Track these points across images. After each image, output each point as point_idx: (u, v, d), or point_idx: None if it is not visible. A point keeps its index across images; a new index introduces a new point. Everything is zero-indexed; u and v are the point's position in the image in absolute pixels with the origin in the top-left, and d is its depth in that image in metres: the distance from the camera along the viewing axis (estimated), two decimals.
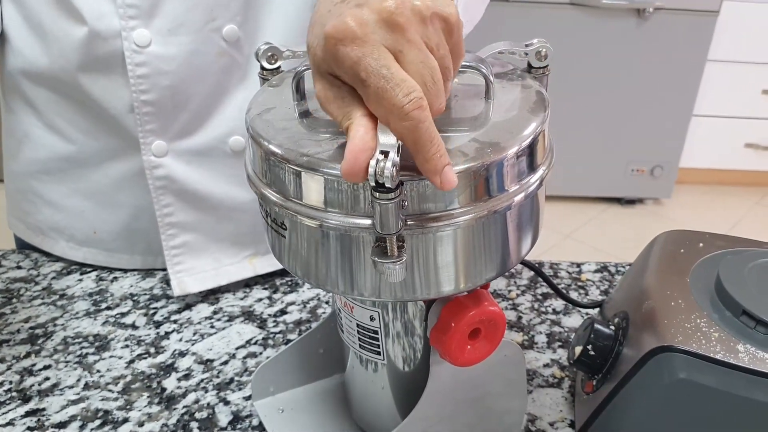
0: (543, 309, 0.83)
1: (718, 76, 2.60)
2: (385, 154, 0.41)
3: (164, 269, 0.87)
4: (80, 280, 0.85)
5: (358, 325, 0.57)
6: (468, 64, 0.49)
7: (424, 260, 0.48)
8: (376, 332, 0.56)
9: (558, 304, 0.84)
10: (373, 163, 0.41)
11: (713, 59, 2.54)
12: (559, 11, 2.41)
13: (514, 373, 0.61)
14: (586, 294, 0.86)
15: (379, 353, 0.57)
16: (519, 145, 0.46)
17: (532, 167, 0.49)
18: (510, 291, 0.86)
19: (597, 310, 0.79)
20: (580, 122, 2.59)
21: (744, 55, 2.59)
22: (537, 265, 0.90)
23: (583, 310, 0.82)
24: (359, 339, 0.58)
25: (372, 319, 0.55)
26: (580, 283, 0.88)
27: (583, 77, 2.51)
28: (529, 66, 0.55)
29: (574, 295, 0.86)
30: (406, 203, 0.44)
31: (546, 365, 0.74)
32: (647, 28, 2.44)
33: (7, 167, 0.87)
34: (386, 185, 0.41)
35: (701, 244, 0.69)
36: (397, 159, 0.41)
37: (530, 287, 0.87)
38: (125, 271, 0.87)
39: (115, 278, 0.85)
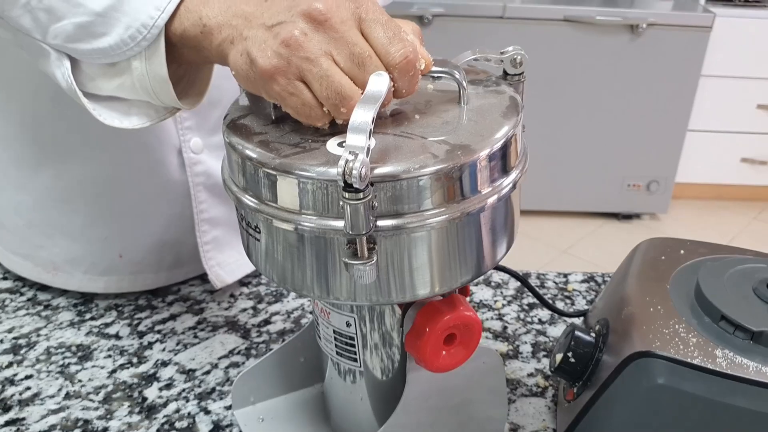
0: (529, 319, 0.83)
1: (712, 90, 2.60)
2: (354, 154, 0.41)
3: (183, 282, 0.87)
4: (65, 291, 0.84)
5: (334, 332, 0.57)
6: (441, 70, 0.50)
7: (398, 263, 0.48)
8: (352, 338, 0.56)
9: (544, 314, 0.83)
10: (342, 163, 0.41)
11: (707, 74, 2.55)
12: (554, 27, 2.43)
13: (493, 381, 0.61)
14: (573, 304, 0.86)
15: (355, 360, 0.57)
16: (490, 148, 0.46)
17: (505, 170, 0.49)
18: (496, 301, 0.85)
19: (582, 318, 0.79)
20: (576, 137, 2.59)
21: (738, 70, 2.60)
22: (524, 275, 0.90)
23: (569, 320, 0.82)
24: (336, 346, 0.57)
25: (348, 324, 0.55)
26: (566, 293, 0.87)
27: (578, 93, 2.52)
28: (505, 73, 0.55)
29: (560, 305, 0.86)
30: (377, 204, 0.44)
31: (530, 374, 0.74)
32: (641, 43, 2.45)
33: (11, 200, 0.83)
34: (354, 186, 0.41)
35: (682, 251, 0.69)
36: (367, 160, 0.42)
37: (516, 297, 0.86)
38: None
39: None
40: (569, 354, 0.63)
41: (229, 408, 0.68)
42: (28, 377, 0.71)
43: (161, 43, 0.52)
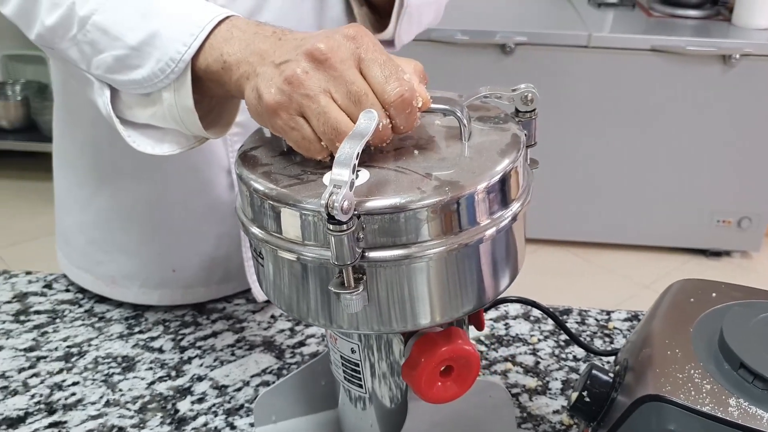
0: (563, 355, 0.82)
1: None
2: (338, 187, 0.43)
3: (230, 300, 0.91)
4: (120, 304, 0.90)
5: (341, 357, 0.58)
6: (441, 107, 0.51)
7: (399, 293, 0.49)
8: (357, 365, 0.57)
9: (580, 351, 0.82)
10: (325, 195, 0.43)
11: None
12: (641, 57, 2.37)
13: (501, 416, 0.61)
14: (612, 342, 0.84)
15: (361, 386, 0.58)
16: (483, 184, 0.47)
17: (504, 203, 0.50)
18: (532, 336, 0.85)
19: (614, 358, 0.77)
20: (662, 169, 2.51)
21: None
22: (564, 310, 0.89)
23: (604, 358, 0.81)
24: (344, 371, 0.59)
25: (353, 351, 0.57)
26: (606, 331, 0.86)
27: (666, 124, 2.45)
28: (517, 110, 0.56)
29: (598, 342, 0.84)
30: (362, 236, 0.46)
31: (555, 411, 0.73)
32: (734, 74, 2.36)
33: (74, 219, 0.90)
34: (337, 218, 0.43)
35: (714, 294, 0.67)
36: (350, 193, 0.43)
37: (554, 333, 0.85)
38: None
39: (152, 305, 0.90)
40: (584, 393, 0.63)
41: (253, 425, 0.70)
42: (74, 384, 0.76)
43: (188, 76, 0.56)
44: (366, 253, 0.46)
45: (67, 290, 0.93)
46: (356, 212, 0.45)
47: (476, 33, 2.38)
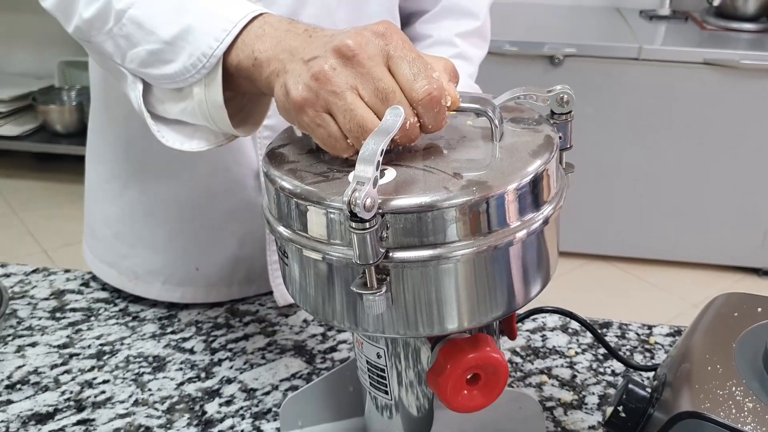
0: (601, 370, 0.79)
1: None
2: (361, 184, 0.42)
3: (245, 298, 0.91)
4: (154, 304, 0.90)
5: (367, 362, 0.57)
6: (471, 106, 0.50)
7: (425, 295, 0.48)
8: (383, 370, 0.56)
9: (619, 366, 0.79)
10: (348, 192, 0.42)
11: None
12: (693, 70, 2.31)
13: (531, 428, 0.59)
14: (653, 357, 0.81)
15: (387, 392, 0.57)
16: (511, 185, 0.46)
17: (535, 206, 0.48)
18: (570, 348, 0.82)
19: (654, 373, 0.74)
20: (714, 185, 2.45)
21: None
22: (604, 322, 0.87)
23: (644, 373, 0.78)
24: (369, 377, 0.58)
25: (379, 356, 0.56)
26: (647, 346, 0.83)
27: (718, 139, 2.38)
28: (552, 112, 0.54)
29: (638, 357, 0.81)
30: (386, 235, 0.45)
31: (591, 427, 0.71)
32: None
33: (102, 211, 0.91)
34: (359, 215, 0.42)
35: (760, 309, 0.64)
36: (373, 191, 0.42)
37: (592, 346, 0.83)
38: None
39: (186, 305, 0.90)
40: (620, 408, 0.60)
41: (280, 430, 0.70)
42: (105, 382, 0.77)
43: (218, 71, 0.56)
44: (391, 254, 0.45)
45: (103, 289, 0.93)
46: (381, 211, 0.44)
47: (525, 44, 2.36)
